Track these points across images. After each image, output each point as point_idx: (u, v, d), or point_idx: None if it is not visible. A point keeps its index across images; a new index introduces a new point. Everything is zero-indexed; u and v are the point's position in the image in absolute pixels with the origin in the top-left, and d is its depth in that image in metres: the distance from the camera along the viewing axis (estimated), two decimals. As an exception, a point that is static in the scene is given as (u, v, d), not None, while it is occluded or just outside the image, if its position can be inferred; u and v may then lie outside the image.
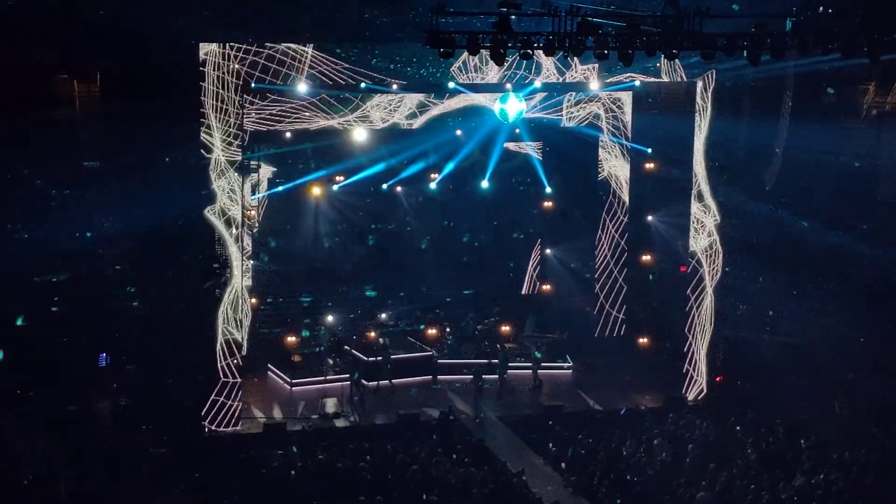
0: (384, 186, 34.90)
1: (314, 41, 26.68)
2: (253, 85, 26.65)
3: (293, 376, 30.58)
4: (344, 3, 27.46)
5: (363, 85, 27.29)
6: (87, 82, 30.20)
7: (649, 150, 31.31)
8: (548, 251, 36.38)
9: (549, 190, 34.85)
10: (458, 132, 31.98)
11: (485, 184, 33.78)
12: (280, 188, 32.38)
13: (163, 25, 27.44)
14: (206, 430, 26.44)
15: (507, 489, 23.27)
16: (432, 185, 34.68)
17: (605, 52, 21.37)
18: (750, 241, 30.98)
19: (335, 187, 34.19)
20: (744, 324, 30.97)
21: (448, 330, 33.56)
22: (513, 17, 20.79)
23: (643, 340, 31.73)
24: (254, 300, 31.68)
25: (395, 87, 27.65)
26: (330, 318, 33.25)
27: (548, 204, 35.86)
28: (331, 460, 24.39)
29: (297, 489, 22.85)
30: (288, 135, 30.39)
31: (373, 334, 32.55)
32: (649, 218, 31.91)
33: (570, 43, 21.30)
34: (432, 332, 33.06)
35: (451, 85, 27.93)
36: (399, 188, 35.29)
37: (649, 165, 31.60)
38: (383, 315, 34.22)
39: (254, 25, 26.56)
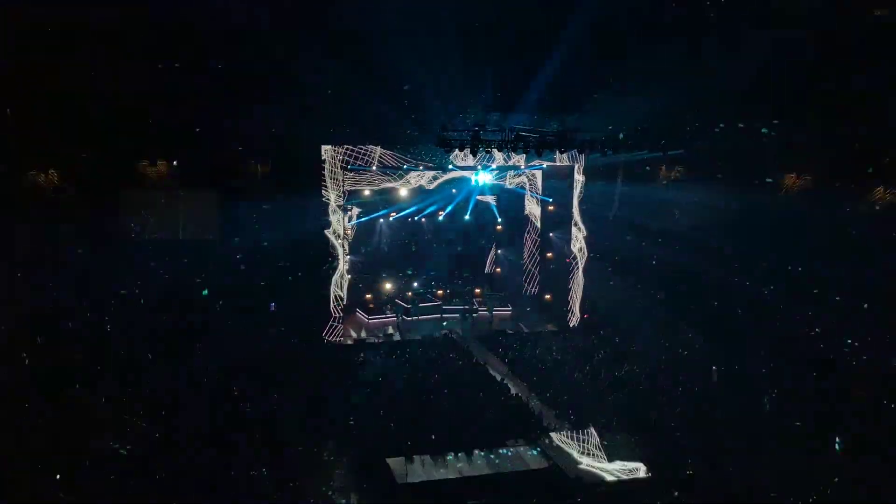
0: (416, 218, 34.81)
1: (379, 143, 26.84)
2: (349, 167, 26.83)
3: (369, 314, 30.61)
4: (394, 125, 27.71)
5: (405, 166, 27.48)
6: (265, 165, 30.40)
7: (550, 199, 31.47)
8: (499, 251, 36.39)
9: (500, 220, 34.89)
10: (454, 190, 32.07)
11: (467, 217, 33.74)
12: (363, 219, 32.36)
13: (302, 134, 27.68)
14: (325, 340, 26.59)
15: (478, 372, 23.49)
16: (440, 218, 34.64)
17: (528, 149, 21.61)
18: (602, 247, 31.06)
19: (391, 218, 34.17)
20: (601, 286, 30.82)
21: (449, 291, 33.46)
22: (481, 132, 21.03)
23: (547, 296, 31.88)
24: (349, 276, 31.59)
25: (421, 167, 27.86)
26: (388, 285, 33.22)
27: (499, 228, 35.73)
28: (388, 358, 24.61)
29: (370, 373, 23.04)
30: (366, 192, 30.49)
31: (410, 293, 32.53)
32: (550, 234, 32.04)
33: (510, 145, 21.56)
34: (440, 292, 33.08)
35: (450, 166, 28.10)
36: (423, 219, 35.17)
37: (550, 207, 31.75)
38: (415, 283, 34.14)
39: (348, 136, 26.84)
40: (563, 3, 24.87)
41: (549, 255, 32.42)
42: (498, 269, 36.19)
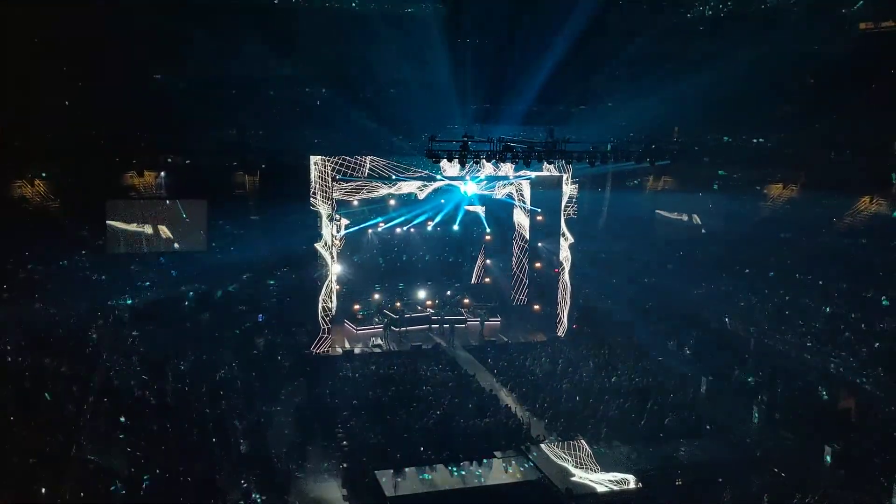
0: (404, 228, 34.41)
1: (369, 154, 26.71)
2: (339, 177, 26.64)
3: (358, 325, 30.17)
4: (385, 137, 27.74)
5: (393, 176, 27.28)
6: (253, 175, 30.24)
7: (539, 210, 31.37)
8: (487, 261, 36.11)
9: (488, 230, 34.63)
10: (442, 200, 31.82)
11: (455, 227, 33.44)
12: (352, 229, 31.83)
13: (291, 145, 27.55)
14: (313, 353, 26.34)
15: (467, 383, 23.34)
16: (429, 228, 34.29)
17: (517, 160, 21.59)
18: (591, 257, 31.10)
19: (379, 229, 33.79)
20: (589, 296, 30.89)
21: (437, 301, 33.07)
22: (469, 142, 21.00)
23: (536, 307, 31.66)
24: (338, 286, 31.24)
25: (411, 176, 27.60)
26: (377, 296, 32.71)
27: (488, 238, 35.40)
28: (377, 370, 24.39)
29: (358, 385, 22.83)
30: (355, 202, 30.19)
31: (399, 304, 32.09)
32: (539, 244, 31.87)
33: (499, 155, 21.54)
34: (428, 302, 32.72)
35: (439, 176, 27.95)
36: (412, 229, 34.76)
37: (539, 218, 31.62)
38: (403, 294, 33.54)
39: (338, 146, 26.79)
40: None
41: (538, 264, 32.28)
42: (487, 279, 35.96)
